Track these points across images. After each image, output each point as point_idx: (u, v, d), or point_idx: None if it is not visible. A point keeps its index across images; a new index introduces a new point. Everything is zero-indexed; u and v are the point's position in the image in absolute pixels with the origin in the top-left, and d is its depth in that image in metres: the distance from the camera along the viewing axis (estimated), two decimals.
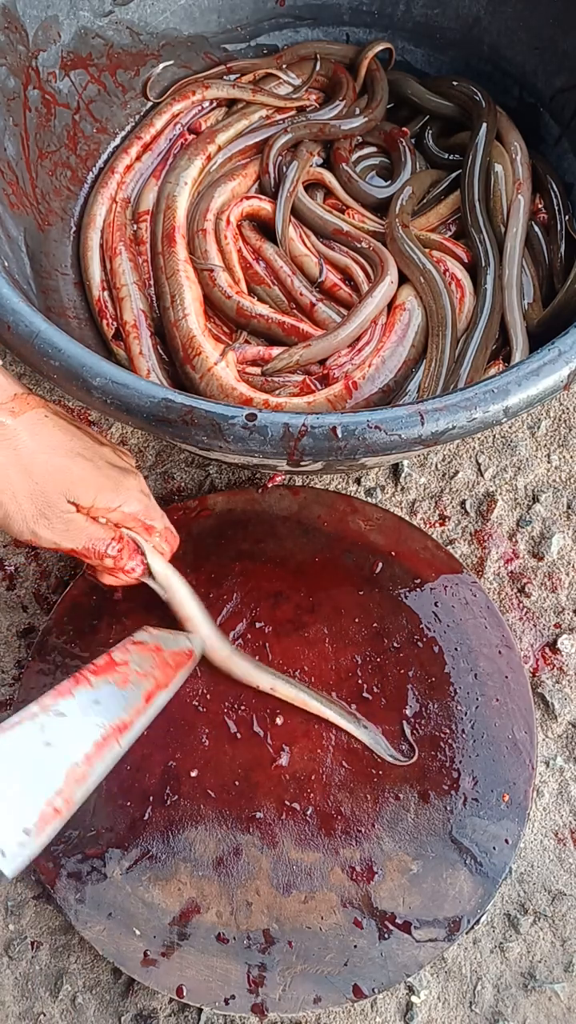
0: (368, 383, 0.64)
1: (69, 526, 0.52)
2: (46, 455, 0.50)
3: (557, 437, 0.71)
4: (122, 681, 0.52)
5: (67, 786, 0.46)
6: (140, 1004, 0.57)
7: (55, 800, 0.45)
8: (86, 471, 0.51)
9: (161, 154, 0.77)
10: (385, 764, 0.59)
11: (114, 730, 0.50)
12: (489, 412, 0.49)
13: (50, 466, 0.50)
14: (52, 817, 0.44)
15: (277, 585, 0.64)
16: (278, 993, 0.54)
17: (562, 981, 0.57)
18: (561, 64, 0.73)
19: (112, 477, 0.53)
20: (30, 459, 0.50)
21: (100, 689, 0.51)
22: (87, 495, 0.52)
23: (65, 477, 0.51)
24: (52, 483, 0.50)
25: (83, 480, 0.51)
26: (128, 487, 0.54)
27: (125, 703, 0.51)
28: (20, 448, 0.50)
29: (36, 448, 0.50)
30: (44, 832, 0.44)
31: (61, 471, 0.50)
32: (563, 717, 0.63)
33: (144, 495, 0.56)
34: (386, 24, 0.82)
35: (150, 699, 0.53)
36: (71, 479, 0.51)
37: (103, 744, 0.49)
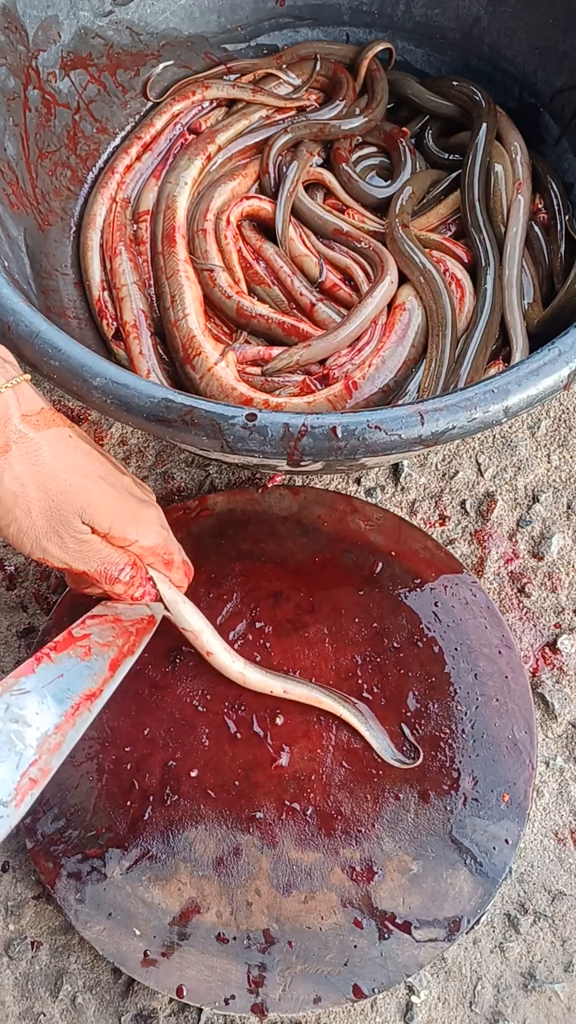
0: (368, 383, 0.64)
1: (82, 547, 0.50)
2: (66, 473, 0.49)
3: (557, 437, 0.71)
4: (84, 653, 0.53)
5: (41, 756, 0.47)
6: (140, 1004, 0.57)
7: (30, 771, 0.46)
8: (105, 495, 0.50)
9: (161, 154, 0.77)
10: (385, 764, 0.59)
11: (83, 698, 0.50)
12: (489, 412, 0.49)
13: (69, 485, 0.49)
14: (29, 787, 0.46)
15: (277, 585, 0.64)
16: (278, 993, 0.54)
17: (562, 981, 0.57)
18: (561, 64, 0.73)
19: (131, 506, 0.52)
20: (49, 475, 0.48)
21: (62, 663, 0.51)
22: (104, 520, 0.50)
23: (83, 497, 0.49)
24: (69, 502, 0.49)
25: (101, 504, 0.50)
26: (148, 519, 0.53)
27: (91, 673, 0.52)
28: (40, 463, 0.48)
29: (56, 465, 0.48)
30: (23, 802, 0.45)
31: (80, 491, 0.49)
32: (563, 717, 0.63)
33: (163, 527, 0.55)
34: (386, 24, 0.82)
35: (116, 666, 0.53)
36: (89, 500, 0.49)
37: (73, 713, 0.49)
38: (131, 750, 0.59)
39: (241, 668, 0.59)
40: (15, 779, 0.45)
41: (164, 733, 0.60)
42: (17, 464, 0.47)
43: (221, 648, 0.59)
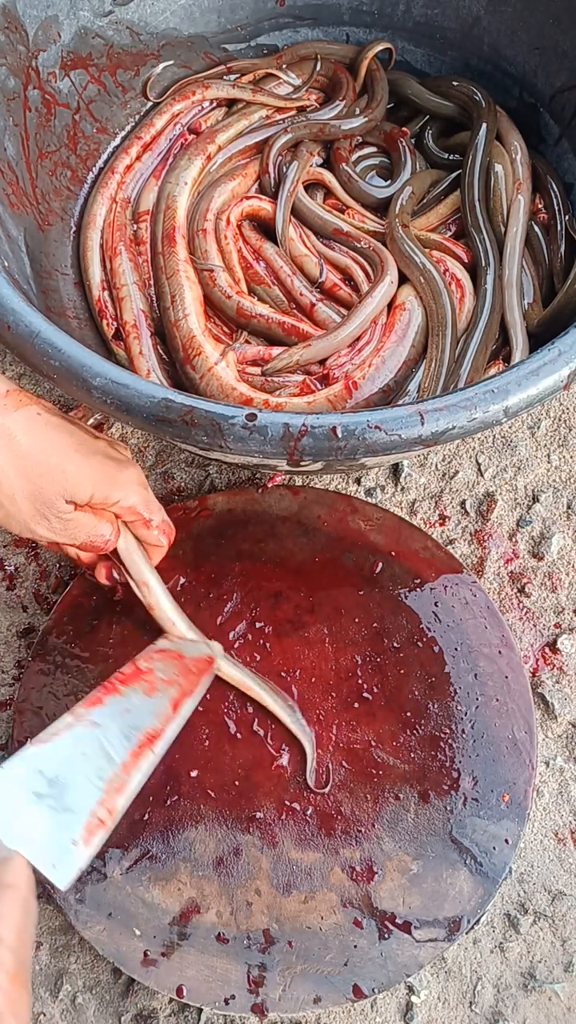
0: (368, 383, 0.64)
1: (67, 525, 0.52)
2: (42, 455, 0.50)
3: (557, 437, 0.71)
4: (149, 689, 0.52)
5: (108, 795, 0.45)
6: (140, 1004, 0.57)
7: (98, 810, 0.45)
8: (82, 468, 0.51)
9: (161, 154, 0.77)
10: (385, 764, 0.59)
11: (147, 738, 0.49)
12: (489, 412, 0.49)
13: (47, 466, 0.50)
14: (97, 827, 0.44)
15: (277, 585, 0.64)
16: (278, 993, 0.54)
17: (562, 981, 0.57)
18: (561, 64, 0.73)
19: (108, 471, 0.53)
20: (26, 459, 0.50)
21: (129, 697, 0.51)
22: (84, 492, 0.52)
23: (62, 477, 0.50)
24: (49, 484, 0.50)
25: (79, 477, 0.51)
26: (126, 480, 0.54)
27: (154, 711, 0.51)
28: (15, 448, 0.49)
29: (31, 447, 0.50)
30: (91, 843, 0.44)
31: (57, 471, 0.50)
32: (563, 717, 0.63)
33: (142, 487, 0.56)
34: (386, 24, 0.82)
35: (177, 706, 0.52)
36: (67, 477, 0.51)
37: (138, 752, 0.48)
38: None
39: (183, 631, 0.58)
40: (84, 817, 0.44)
41: None
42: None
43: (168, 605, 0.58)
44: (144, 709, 0.51)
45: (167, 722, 0.51)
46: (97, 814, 0.44)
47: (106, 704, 0.50)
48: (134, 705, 0.51)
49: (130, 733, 0.49)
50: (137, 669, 0.53)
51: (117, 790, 0.46)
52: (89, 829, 0.44)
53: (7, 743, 0.63)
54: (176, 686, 0.53)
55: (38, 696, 0.61)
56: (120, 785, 0.46)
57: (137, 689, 0.52)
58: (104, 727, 0.48)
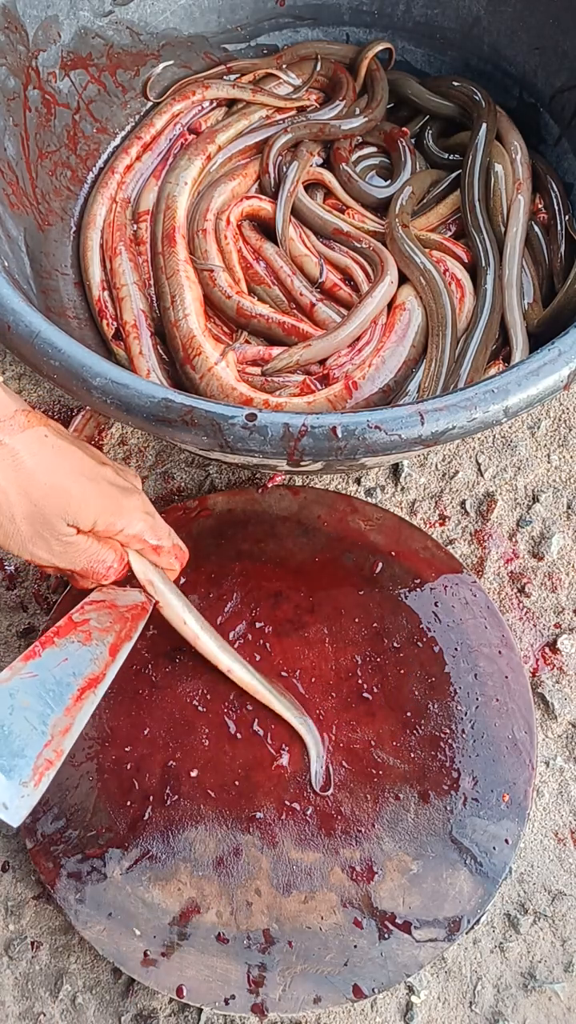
0: (368, 383, 0.64)
1: (68, 548, 0.51)
2: (46, 476, 0.49)
3: (557, 437, 0.71)
4: (85, 638, 0.54)
5: (54, 738, 0.48)
6: (140, 1004, 0.57)
7: (45, 752, 0.47)
8: (86, 492, 0.50)
9: (161, 154, 0.77)
10: (385, 764, 0.59)
11: (88, 682, 0.52)
12: (489, 412, 0.49)
13: (49, 487, 0.49)
14: (46, 768, 0.47)
15: (277, 585, 0.64)
16: (278, 993, 0.54)
17: (562, 981, 0.57)
18: (561, 64, 0.73)
19: (113, 498, 0.52)
20: (29, 480, 0.48)
21: (65, 647, 0.53)
22: (87, 518, 0.51)
23: (64, 499, 0.49)
24: (51, 505, 0.49)
25: (83, 502, 0.50)
26: (130, 508, 0.53)
27: (92, 657, 0.53)
28: (19, 468, 0.48)
29: (35, 468, 0.49)
30: (41, 782, 0.47)
31: (60, 493, 0.49)
32: (563, 717, 0.63)
33: (147, 514, 0.55)
34: (386, 24, 0.82)
35: (115, 651, 0.54)
36: (70, 501, 0.50)
37: (80, 696, 0.51)
38: (131, 750, 0.59)
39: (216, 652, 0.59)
40: (32, 760, 0.47)
41: (164, 733, 0.60)
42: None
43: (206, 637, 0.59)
44: (82, 656, 0.53)
45: (107, 667, 0.53)
46: (45, 756, 0.47)
47: (43, 656, 0.52)
48: (71, 654, 0.52)
49: (70, 680, 0.51)
50: (71, 621, 0.55)
51: (63, 733, 0.49)
52: (38, 771, 0.47)
53: None
54: (112, 632, 0.55)
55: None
56: (65, 728, 0.49)
57: (73, 639, 0.53)
58: (43, 676, 0.50)
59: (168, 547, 0.57)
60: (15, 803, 0.45)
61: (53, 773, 0.47)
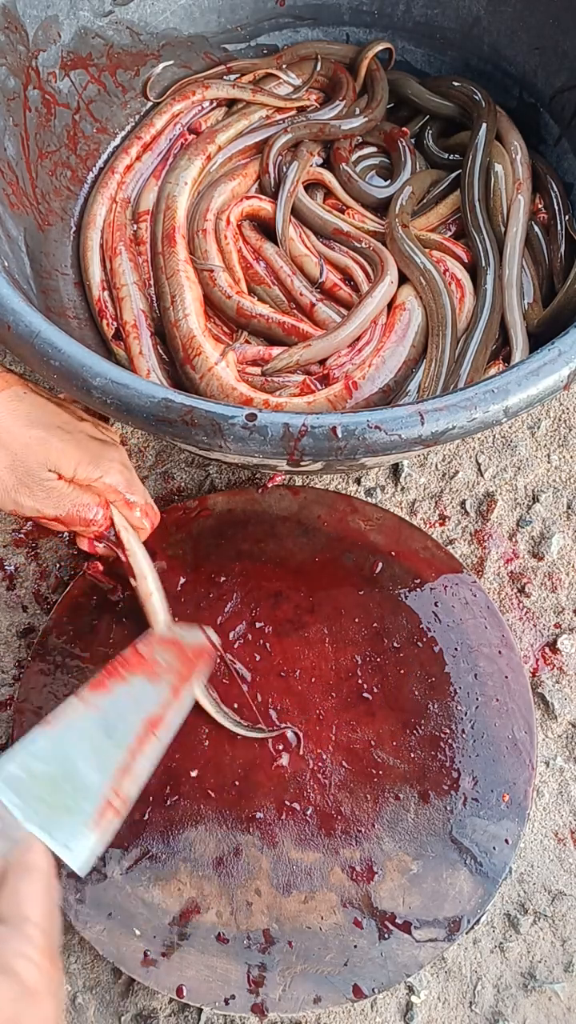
0: (368, 383, 0.64)
1: (51, 493, 0.53)
2: (24, 428, 0.51)
3: (557, 437, 0.71)
4: (151, 675, 0.53)
5: (116, 779, 0.46)
6: (140, 1004, 0.57)
7: (109, 794, 0.46)
8: (66, 443, 0.52)
9: (161, 154, 0.77)
10: (385, 764, 0.59)
11: (150, 723, 0.50)
12: (489, 412, 0.49)
13: (28, 438, 0.51)
14: (108, 810, 0.45)
15: (277, 585, 0.64)
16: (278, 993, 0.54)
17: (562, 981, 0.57)
18: (561, 64, 0.73)
19: (92, 449, 0.54)
20: (7, 433, 0.51)
21: (132, 683, 0.52)
22: (68, 465, 0.53)
23: (44, 448, 0.52)
24: (31, 454, 0.51)
25: (63, 451, 0.52)
26: (109, 458, 0.55)
27: (156, 697, 0.52)
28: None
29: (13, 423, 0.51)
30: (103, 827, 0.45)
31: (40, 443, 0.52)
32: (563, 717, 0.63)
33: (125, 467, 0.57)
34: (386, 24, 0.82)
35: (177, 692, 0.53)
36: (50, 450, 0.52)
37: (143, 738, 0.49)
38: None
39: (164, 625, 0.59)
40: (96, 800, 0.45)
41: None
42: None
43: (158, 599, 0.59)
44: (146, 695, 0.52)
45: (168, 708, 0.52)
46: (108, 798, 0.45)
47: (110, 689, 0.51)
48: (136, 691, 0.51)
49: (134, 719, 0.50)
50: (137, 653, 0.54)
51: (124, 774, 0.47)
52: (101, 813, 0.45)
53: (7, 743, 0.63)
54: (174, 672, 0.54)
55: (38, 696, 0.61)
56: (127, 769, 0.47)
57: (139, 675, 0.52)
58: (109, 712, 0.49)
59: (141, 503, 0.58)
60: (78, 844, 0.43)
61: (117, 820, 0.45)
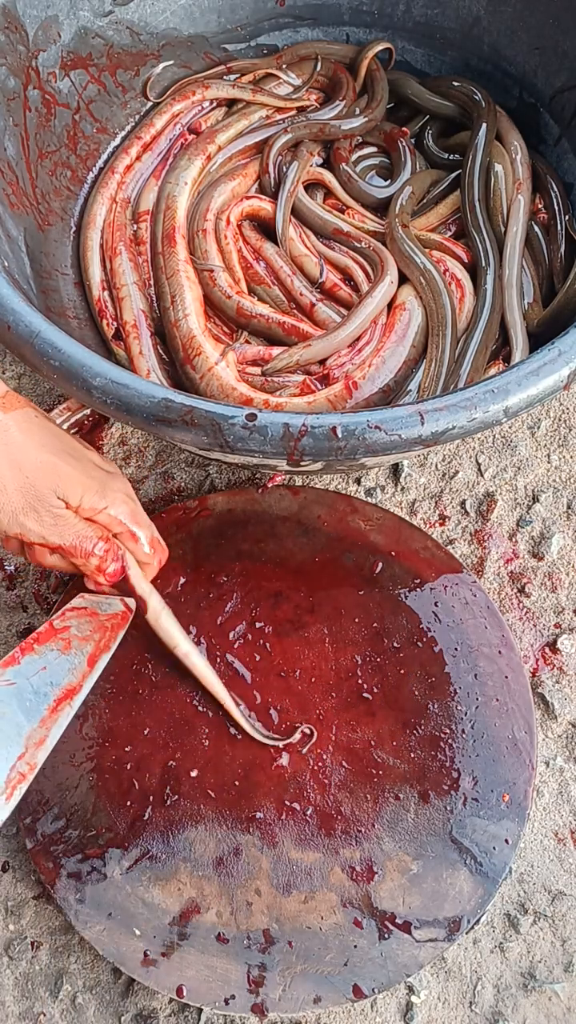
0: (368, 383, 0.64)
1: (58, 521, 0.53)
2: (36, 451, 0.51)
3: (557, 437, 0.71)
4: (65, 646, 0.53)
5: (28, 751, 0.47)
6: (140, 1004, 0.57)
7: (19, 765, 0.47)
8: (74, 469, 0.52)
9: (161, 154, 0.77)
10: (385, 764, 0.59)
11: (65, 693, 0.51)
12: (489, 412, 0.49)
13: (40, 462, 0.51)
14: (18, 781, 0.46)
15: (277, 585, 0.64)
16: (278, 993, 0.54)
17: (562, 981, 0.57)
18: (561, 64, 0.73)
19: (99, 478, 0.54)
20: (21, 454, 0.51)
21: (45, 655, 0.52)
22: (75, 493, 0.52)
23: (55, 473, 0.51)
24: (42, 478, 0.51)
25: (71, 478, 0.52)
26: (114, 489, 0.55)
27: (71, 667, 0.53)
28: (11, 442, 0.51)
29: (26, 443, 0.51)
30: (13, 797, 0.46)
31: (51, 467, 0.51)
32: (563, 717, 0.63)
33: (130, 498, 0.57)
34: (386, 24, 0.82)
35: (93, 662, 0.54)
36: (60, 475, 0.52)
37: (56, 708, 0.50)
38: (131, 750, 0.59)
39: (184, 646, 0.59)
40: (5, 772, 0.46)
41: (164, 733, 0.60)
42: None
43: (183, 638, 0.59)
44: (60, 666, 0.52)
45: (84, 677, 0.53)
46: (19, 769, 0.46)
47: (22, 663, 0.51)
48: (50, 662, 0.52)
49: (47, 690, 0.50)
50: (51, 627, 0.54)
51: (37, 745, 0.48)
52: (10, 784, 0.46)
53: None
54: (91, 642, 0.55)
55: None
56: (40, 740, 0.48)
57: (53, 647, 0.53)
58: (21, 685, 0.50)
59: (147, 537, 0.58)
60: None
61: (25, 787, 0.46)
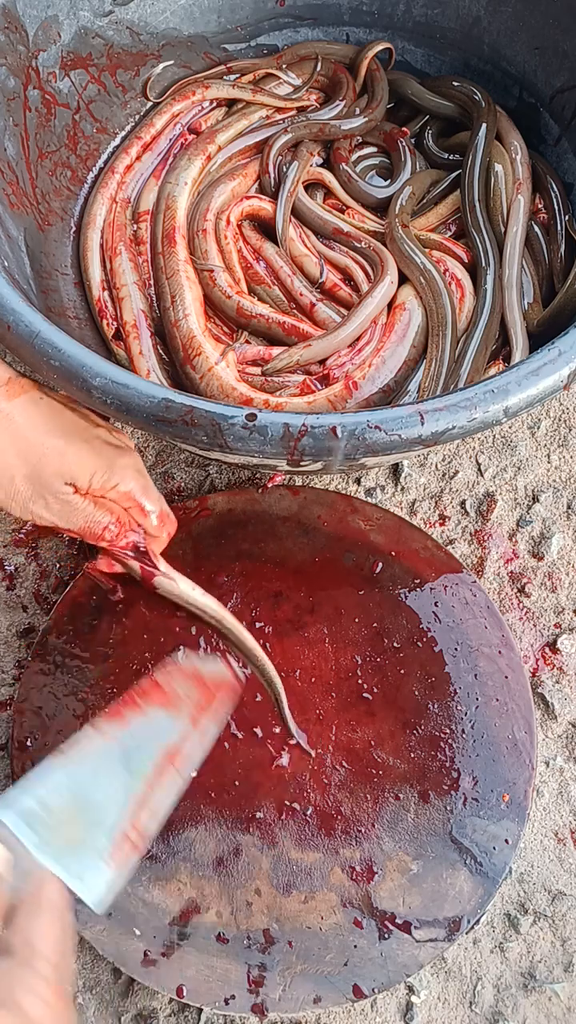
0: (368, 383, 0.64)
1: (66, 507, 0.53)
2: (41, 437, 0.51)
3: (557, 437, 0.71)
4: (170, 705, 0.51)
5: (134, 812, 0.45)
6: (140, 1004, 0.57)
7: (126, 827, 0.44)
8: (81, 451, 0.52)
9: (161, 154, 0.77)
10: (385, 764, 0.59)
11: (169, 755, 0.48)
12: (489, 412, 0.49)
13: (46, 448, 0.51)
14: (126, 845, 0.43)
15: (277, 585, 0.64)
16: (278, 993, 0.54)
17: (562, 981, 0.57)
18: (561, 64, 0.73)
19: (107, 456, 0.54)
20: (25, 442, 0.51)
21: (149, 713, 0.50)
22: (83, 475, 0.52)
23: (61, 458, 0.51)
24: (48, 465, 0.51)
25: (78, 461, 0.52)
26: (123, 465, 0.55)
27: (175, 728, 0.50)
28: (15, 431, 0.51)
29: (31, 430, 0.51)
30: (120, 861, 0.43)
31: (57, 453, 0.51)
32: (563, 717, 0.63)
33: (140, 473, 0.57)
34: (386, 24, 0.82)
35: (197, 724, 0.51)
36: (66, 460, 0.52)
37: (162, 769, 0.47)
38: None
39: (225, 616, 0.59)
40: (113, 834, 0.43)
41: None
42: None
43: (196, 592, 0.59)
44: (165, 726, 0.50)
45: (187, 739, 0.50)
46: (125, 831, 0.44)
47: (127, 719, 0.49)
48: (154, 721, 0.50)
49: (152, 749, 0.48)
50: (156, 684, 0.52)
51: (142, 806, 0.45)
52: (117, 846, 0.43)
53: (7, 743, 0.63)
54: (195, 704, 0.52)
55: (38, 696, 0.61)
56: (144, 801, 0.45)
57: (157, 705, 0.51)
58: (126, 743, 0.47)
59: (157, 511, 0.58)
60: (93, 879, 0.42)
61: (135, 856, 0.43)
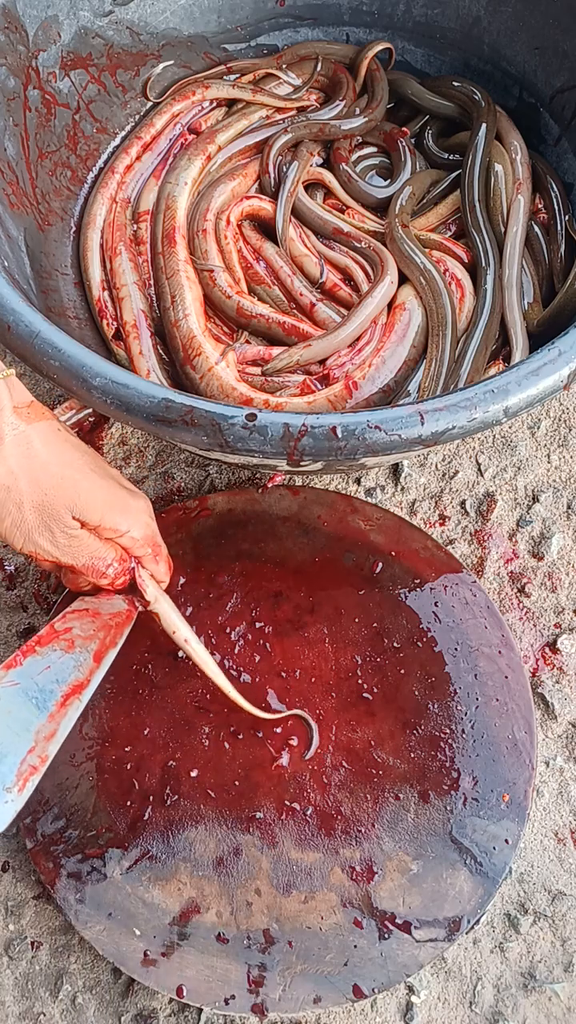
0: (368, 383, 0.64)
1: (72, 542, 0.51)
2: (57, 467, 0.49)
3: (557, 437, 0.71)
4: (68, 646, 0.54)
5: (39, 745, 0.48)
6: (140, 1004, 0.57)
7: (29, 758, 0.48)
8: (95, 487, 0.50)
9: (161, 154, 0.77)
10: (385, 764, 0.59)
11: (72, 688, 0.52)
12: (489, 412, 0.49)
13: (60, 478, 0.49)
14: (30, 773, 0.47)
15: (277, 585, 0.64)
16: (278, 993, 0.54)
17: (562, 981, 0.57)
18: (561, 64, 0.73)
19: (121, 497, 0.52)
20: (41, 468, 0.48)
21: (47, 656, 0.53)
22: (95, 513, 0.51)
23: (74, 491, 0.49)
24: (60, 496, 0.49)
25: (92, 496, 0.50)
26: (137, 510, 0.53)
27: (76, 664, 0.53)
28: (32, 456, 0.48)
29: (48, 458, 0.49)
30: (25, 788, 0.47)
31: (71, 485, 0.49)
32: (563, 717, 0.63)
33: (151, 520, 0.55)
34: (386, 24, 0.82)
35: (100, 658, 0.54)
36: (80, 494, 0.50)
37: (64, 703, 0.51)
38: (131, 750, 0.60)
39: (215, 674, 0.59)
40: (16, 766, 0.47)
41: (164, 733, 0.60)
42: (11, 457, 0.48)
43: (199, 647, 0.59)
44: (65, 664, 0.53)
45: (91, 673, 0.53)
46: (29, 762, 0.47)
47: (25, 665, 0.52)
48: (53, 661, 0.53)
49: (54, 687, 0.51)
50: (52, 629, 0.55)
51: (47, 738, 0.49)
52: (21, 776, 0.47)
53: None
54: (96, 640, 0.55)
55: None
56: (50, 733, 0.49)
57: (55, 648, 0.53)
58: (26, 684, 0.51)
59: (164, 559, 0.58)
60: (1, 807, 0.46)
61: (38, 779, 0.47)
